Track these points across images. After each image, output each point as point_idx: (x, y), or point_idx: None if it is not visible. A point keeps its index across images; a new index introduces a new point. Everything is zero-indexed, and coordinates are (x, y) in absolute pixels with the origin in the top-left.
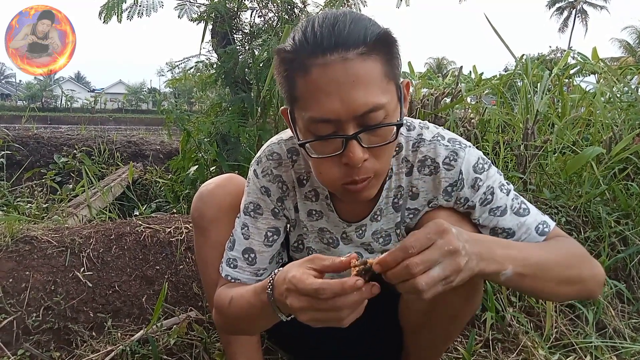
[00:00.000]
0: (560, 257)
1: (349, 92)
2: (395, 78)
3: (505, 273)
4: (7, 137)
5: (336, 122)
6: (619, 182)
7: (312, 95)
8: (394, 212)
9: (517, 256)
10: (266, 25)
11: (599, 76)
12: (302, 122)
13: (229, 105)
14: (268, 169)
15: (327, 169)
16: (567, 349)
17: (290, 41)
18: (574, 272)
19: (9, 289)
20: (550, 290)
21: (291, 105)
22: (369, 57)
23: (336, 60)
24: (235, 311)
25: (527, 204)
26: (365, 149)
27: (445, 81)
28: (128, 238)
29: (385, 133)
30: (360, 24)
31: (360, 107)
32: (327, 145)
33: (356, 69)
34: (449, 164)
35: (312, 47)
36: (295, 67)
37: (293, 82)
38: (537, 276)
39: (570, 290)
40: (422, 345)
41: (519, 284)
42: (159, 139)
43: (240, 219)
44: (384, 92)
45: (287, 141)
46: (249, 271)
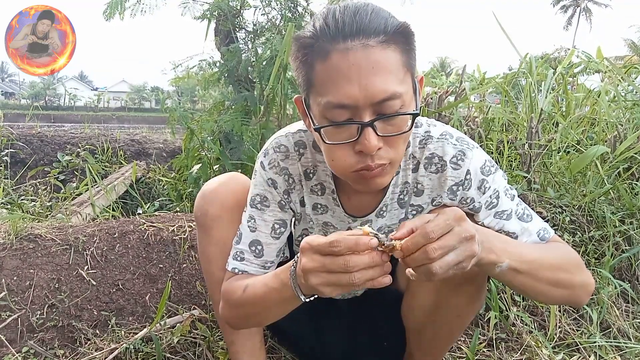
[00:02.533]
0: (555, 260)
1: (368, 78)
2: (412, 70)
3: (501, 266)
4: (11, 136)
5: (353, 108)
6: (624, 181)
7: (331, 80)
8: (399, 208)
9: (514, 251)
10: (269, 24)
11: (603, 75)
12: (318, 107)
13: (232, 103)
14: (275, 161)
15: (340, 156)
16: (571, 348)
17: (310, 27)
18: (566, 276)
19: (14, 287)
20: (541, 290)
21: (307, 92)
22: (388, 46)
23: (357, 46)
24: (249, 298)
25: (530, 211)
26: (379, 137)
27: (449, 80)
28: (131, 236)
29: (400, 123)
30: (380, 15)
31: (378, 94)
32: (342, 132)
33: (377, 55)
34: (456, 163)
35: (333, 32)
36: (315, 52)
37: (311, 67)
38: (531, 274)
39: (559, 293)
40: (426, 345)
41: (511, 279)
42: (162, 137)
43: (246, 212)
44: (402, 82)
45: (295, 134)
46: (256, 264)
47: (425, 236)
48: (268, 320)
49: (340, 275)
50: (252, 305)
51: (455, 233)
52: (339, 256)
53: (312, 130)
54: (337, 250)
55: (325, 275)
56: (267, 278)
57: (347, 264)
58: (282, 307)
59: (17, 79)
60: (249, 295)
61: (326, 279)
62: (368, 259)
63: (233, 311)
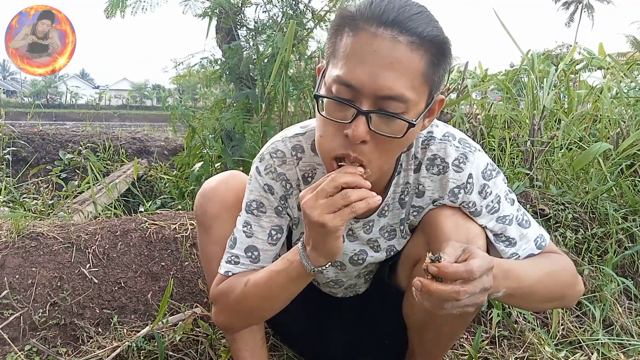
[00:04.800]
0: (552, 281)
1: (382, 70)
2: (432, 85)
3: (497, 295)
4: (13, 134)
5: (356, 91)
6: (627, 178)
7: (349, 57)
8: (400, 208)
9: (513, 281)
10: (271, 21)
11: (605, 71)
12: (329, 78)
13: (233, 101)
14: (271, 167)
15: (328, 133)
16: (574, 346)
17: (359, 3)
18: (558, 291)
19: (16, 285)
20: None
21: (329, 59)
22: (416, 50)
23: (386, 36)
24: (252, 288)
25: (528, 216)
26: (370, 131)
27: (450, 77)
28: (133, 234)
29: (395, 127)
30: (424, 19)
31: (384, 89)
32: (340, 111)
33: (400, 52)
34: (458, 166)
35: (371, 13)
36: (349, 25)
37: (340, 36)
38: (524, 298)
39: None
40: (427, 343)
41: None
42: (163, 135)
43: (242, 217)
44: (414, 90)
45: (292, 138)
46: (252, 269)
47: (470, 274)
48: (270, 311)
49: (337, 199)
50: (256, 295)
51: (481, 282)
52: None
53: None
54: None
55: (327, 202)
56: (272, 265)
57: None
58: (288, 289)
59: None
60: (251, 285)
61: (326, 205)
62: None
63: (232, 309)
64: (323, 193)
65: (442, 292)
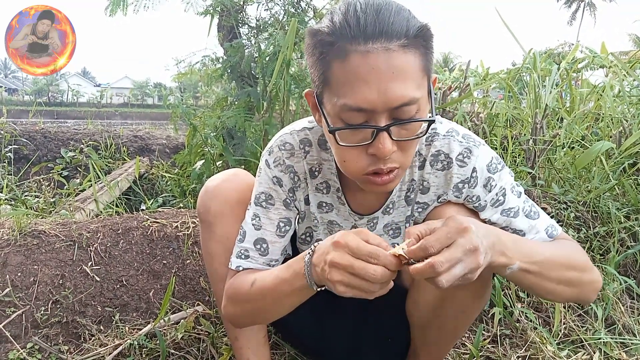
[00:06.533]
0: (565, 259)
1: (387, 84)
2: (429, 72)
3: (512, 267)
4: (15, 132)
5: (370, 112)
6: (629, 177)
7: (349, 82)
8: (405, 205)
9: (525, 252)
10: (272, 19)
11: (608, 70)
12: (333, 108)
13: (235, 99)
14: (280, 159)
15: (352, 158)
16: (576, 345)
17: (328, 23)
18: (575, 275)
19: (18, 283)
20: (550, 290)
21: (322, 89)
22: (409, 50)
23: (378, 49)
24: (258, 291)
25: (537, 208)
26: (394, 141)
27: (452, 75)
28: (135, 232)
29: (414, 127)
30: (402, 15)
31: (397, 100)
32: (356, 134)
33: (397, 60)
34: (462, 161)
35: (354, 32)
36: (333, 51)
37: (328, 66)
38: (541, 274)
39: (568, 292)
40: (430, 341)
41: (521, 280)
42: (165, 133)
43: (250, 209)
44: (419, 87)
45: (300, 132)
46: (261, 262)
47: (425, 250)
48: (275, 315)
49: (363, 282)
50: (261, 299)
51: (459, 245)
52: (371, 265)
53: (324, 127)
54: (373, 261)
55: (348, 275)
56: (278, 269)
57: (375, 275)
58: (291, 298)
59: (20, 76)
60: (257, 288)
61: (348, 279)
62: (390, 275)
63: (239, 308)
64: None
65: (419, 270)
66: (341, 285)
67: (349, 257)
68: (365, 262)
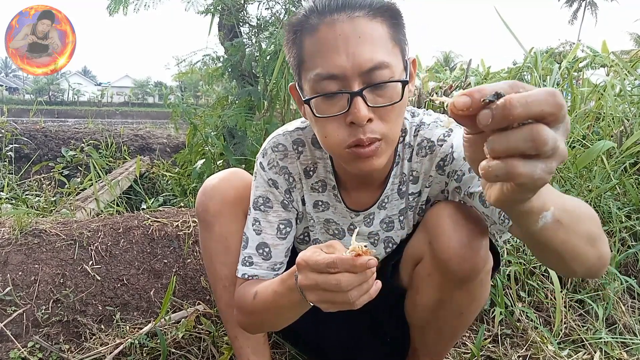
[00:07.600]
0: (585, 208)
1: (355, 47)
2: (401, 44)
3: (546, 215)
4: (15, 131)
5: (342, 78)
6: (630, 177)
7: (319, 52)
8: (399, 199)
9: (557, 198)
10: (273, 18)
11: (609, 69)
12: (309, 84)
13: (235, 98)
14: (274, 161)
15: (332, 131)
16: (577, 344)
17: (300, 11)
18: (597, 230)
19: (19, 282)
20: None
21: (299, 72)
22: (375, 18)
23: (343, 18)
24: (261, 304)
25: None
26: (370, 108)
27: (453, 74)
28: (136, 232)
29: (391, 93)
30: None
31: (365, 63)
32: (333, 105)
33: (363, 26)
34: (442, 140)
35: (320, 8)
36: (303, 30)
37: (301, 45)
38: (571, 227)
39: (591, 254)
40: (429, 342)
41: (552, 236)
42: (165, 132)
43: (251, 214)
44: (390, 54)
45: (293, 132)
46: (265, 266)
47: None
48: (282, 324)
49: (336, 294)
50: (265, 312)
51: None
52: (332, 275)
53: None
54: (334, 271)
55: (320, 293)
56: (275, 284)
57: (339, 284)
58: (293, 310)
59: (20, 75)
60: (259, 302)
61: (322, 296)
62: (360, 277)
63: (246, 318)
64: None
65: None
66: (320, 303)
67: (312, 275)
68: (327, 275)
